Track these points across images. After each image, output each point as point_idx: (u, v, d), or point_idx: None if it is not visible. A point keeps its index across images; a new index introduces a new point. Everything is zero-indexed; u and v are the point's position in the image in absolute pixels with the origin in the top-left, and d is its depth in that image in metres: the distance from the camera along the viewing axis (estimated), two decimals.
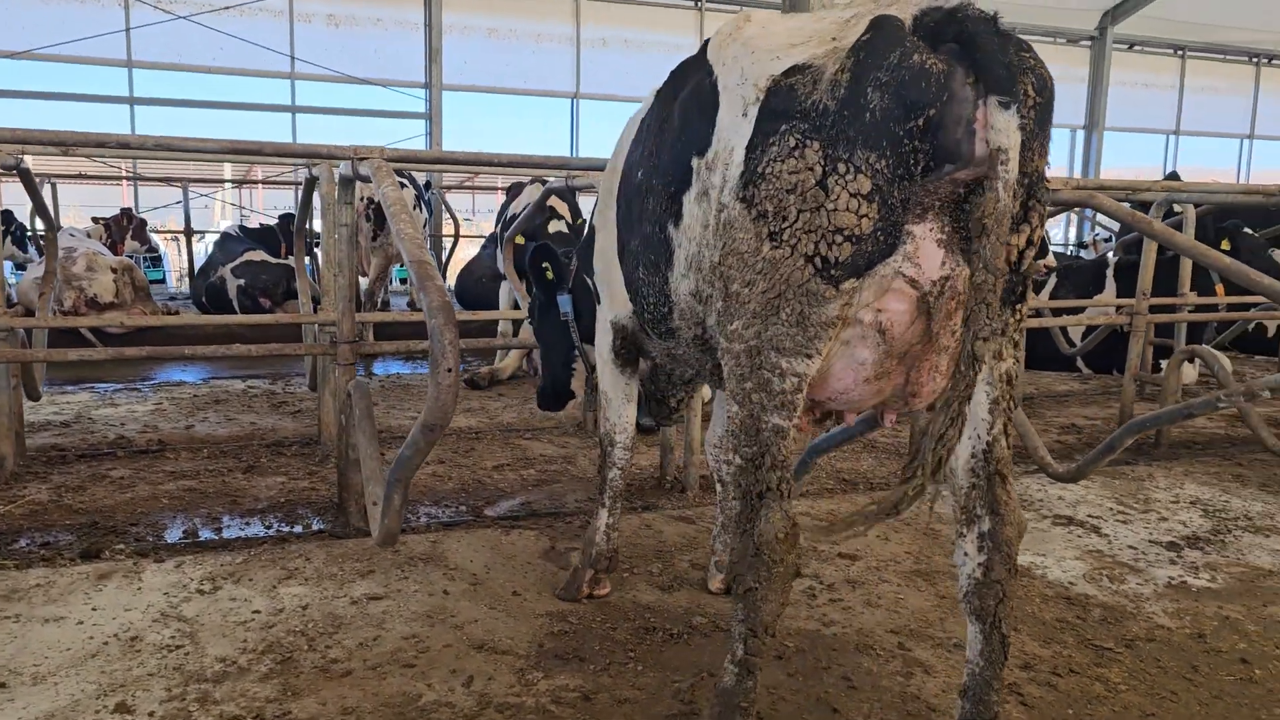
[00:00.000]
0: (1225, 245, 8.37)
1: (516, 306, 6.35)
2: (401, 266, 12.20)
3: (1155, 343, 7.83)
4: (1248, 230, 8.35)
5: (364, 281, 10.56)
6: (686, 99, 2.61)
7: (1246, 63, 22.51)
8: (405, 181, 10.98)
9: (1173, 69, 21.96)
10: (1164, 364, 7.79)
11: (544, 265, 3.78)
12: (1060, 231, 21.54)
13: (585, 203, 8.44)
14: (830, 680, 3.05)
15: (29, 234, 12.35)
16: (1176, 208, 7.63)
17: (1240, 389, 3.85)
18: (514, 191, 9.28)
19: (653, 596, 3.62)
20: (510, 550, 4.03)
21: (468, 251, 14.27)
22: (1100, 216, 16.14)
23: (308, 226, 8.02)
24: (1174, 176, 11.67)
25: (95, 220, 13.04)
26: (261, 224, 13.84)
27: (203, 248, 15.09)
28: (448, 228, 13.11)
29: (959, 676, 3.10)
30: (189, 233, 14.04)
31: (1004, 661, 2.40)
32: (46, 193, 13.25)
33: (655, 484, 5.12)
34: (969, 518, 2.39)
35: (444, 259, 12.13)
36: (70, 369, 8.24)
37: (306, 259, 8.39)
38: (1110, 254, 11.78)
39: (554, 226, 7.71)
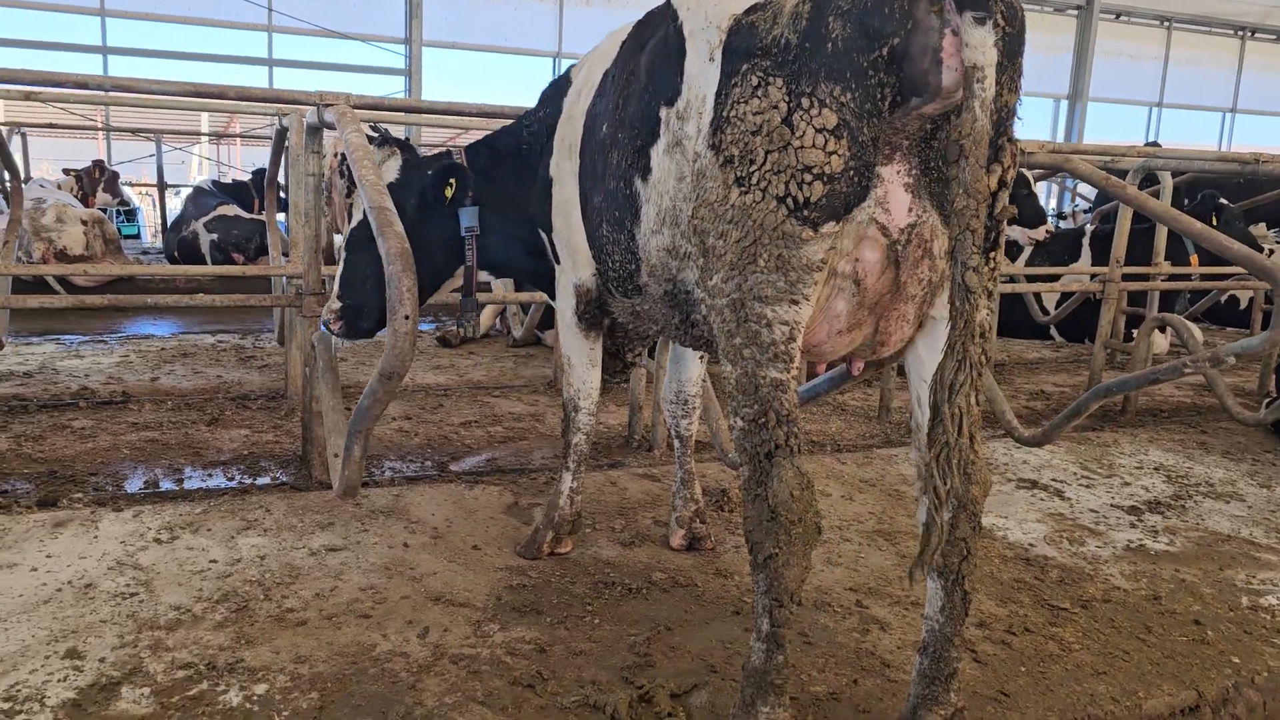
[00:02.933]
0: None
1: None
2: None
3: (1128, 312, 7.86)
4: (1224, 201, 8.37)
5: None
6: (654, 49, 2.55)
7: (1232, 35, 22.50)
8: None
9: (1158, 40, 21.93)
10: (1136, 333, 7.84)
11: (449, 181, 3.44)
12: (1041, 202, 21.57)
13: None
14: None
15: None
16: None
17: (1205, 355, 3.85)
18: None
19: (614, 552, 3.62)
20: (473, 505, 4.02)
21: None
22: (1081, 188, 16.14)
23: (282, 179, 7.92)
24: (1154, 146, 11.66)
25: (66, 172, 12.81)
26: (234, 179, 13.65)
27: (178, 202, 14.87)
28: None
29: (915, 633, 3.12)
30: (162, 186, 13.82)
31: (964, 619, 2.40)
32: (16, 143, 13.01)
33: (623, 442, 5.11)
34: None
35: None
36: (38, 321, 8.11)
37: (281, 214, 8.29)
38: (1088, 224, 11.79)
39: None
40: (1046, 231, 8.45)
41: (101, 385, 5.75)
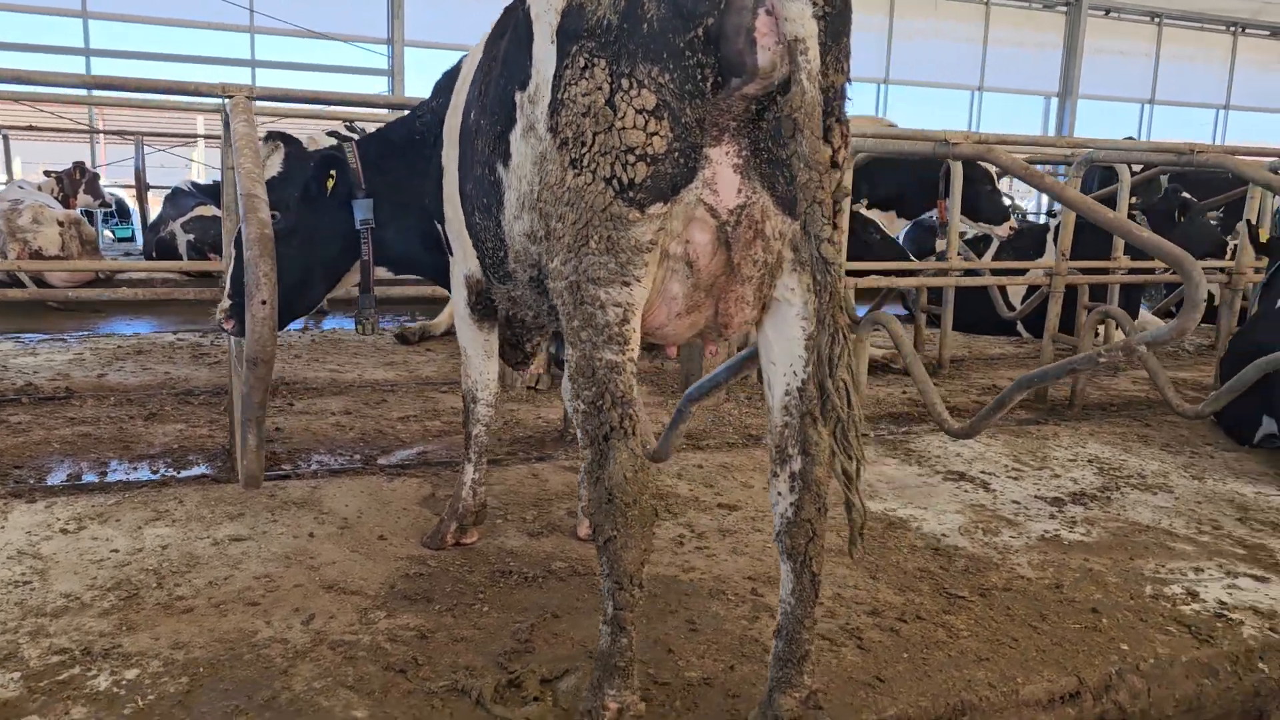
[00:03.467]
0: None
1: None
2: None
3: (1090, 306, 7.85)
4: (1187, 196, 8.36)
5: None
6: (510, 34, 2.57)
7: (1224, 31, 22.46)
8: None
9: (1149, 37, 21.90)
10: (1102, 329, 7.82)
11: (329, 171, 3.44)
12: (1035, 201, 21.53)
13: None
14: (674, 623, 3.07)
15: None
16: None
17: (1119, 344, 3.86)
18: None
19: (519, 542, 3.63)
20: (389, 496, 4.03)
21: None
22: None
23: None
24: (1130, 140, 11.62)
25: (47, 174, 12.87)
26: (215, 180, 13.68)
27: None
28: None
29: None
30: (142, 188, 13.86)
31: (815, 600, 2.42)
32: None
33: (558, 436, 5.12)
34: (782, 457, 2.38)
35: None
36: (10, 319, 8.19)
37: None
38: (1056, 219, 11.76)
39: None
40: (1010, 228, 8.44)
41: (47, 381, 5.79)
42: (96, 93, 4.11)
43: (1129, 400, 6.58)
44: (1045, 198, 20.83)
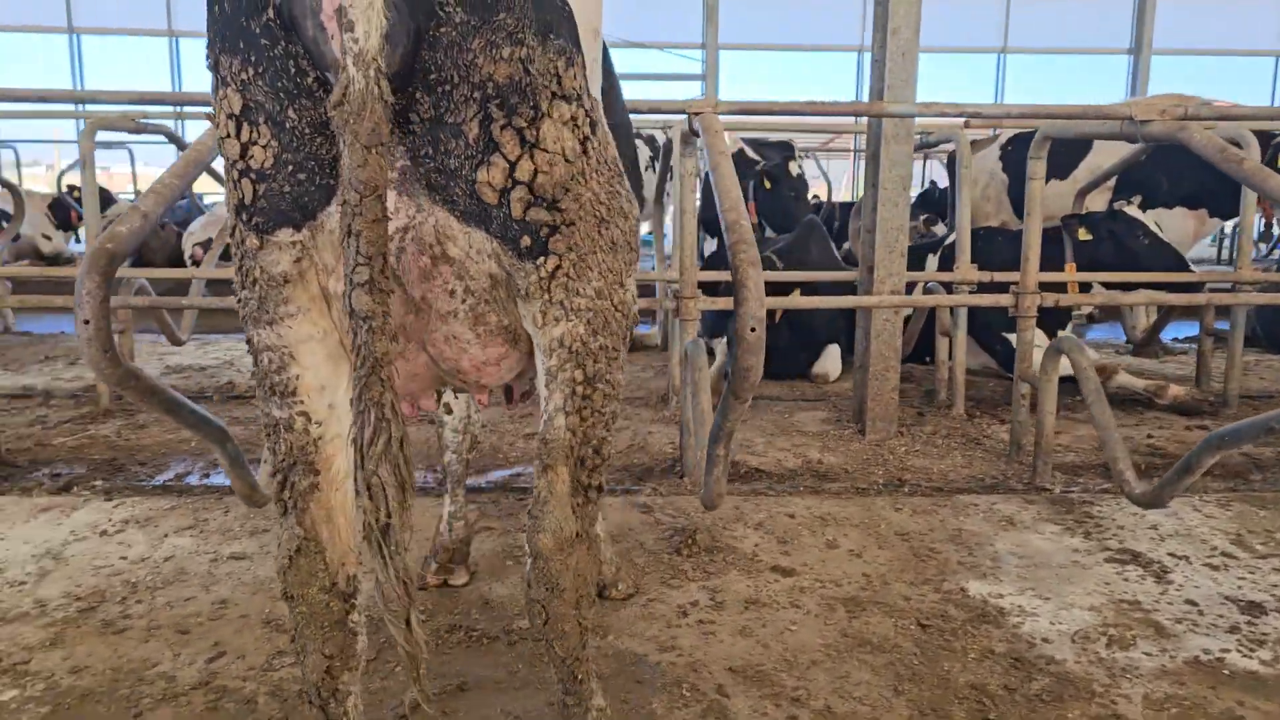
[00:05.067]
0: None
1: None
2: None
3: None
4: None
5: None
6: None
7: None
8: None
9: None
10: None
11: None
12: None
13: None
14: None
15: None
16: None
17: None
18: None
19: (506, 591, 3.24)
20: (424, 521, 3.79)
21: None
22: None
23: None
24: None
25: None
26: None
27: None
28: None
29: None
30: None
31: (583, 704, 1.96)
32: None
33: (668, 467, 4.61)
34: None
35: None
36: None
37: None
38: None
39: None
40: None
41: (246, 379, 6.25)
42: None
43: None
44: None
